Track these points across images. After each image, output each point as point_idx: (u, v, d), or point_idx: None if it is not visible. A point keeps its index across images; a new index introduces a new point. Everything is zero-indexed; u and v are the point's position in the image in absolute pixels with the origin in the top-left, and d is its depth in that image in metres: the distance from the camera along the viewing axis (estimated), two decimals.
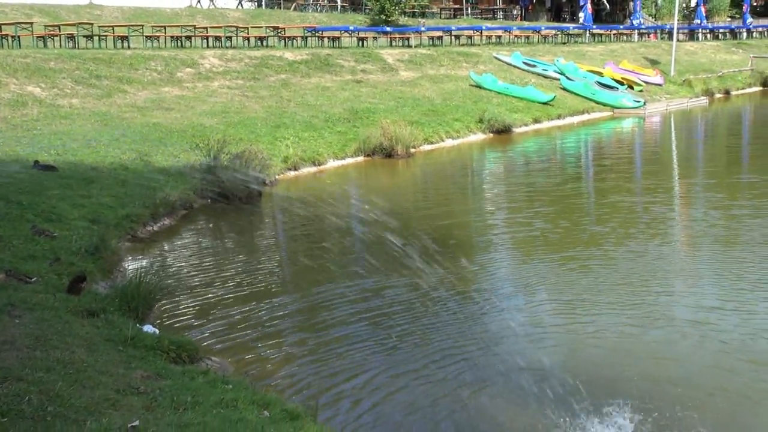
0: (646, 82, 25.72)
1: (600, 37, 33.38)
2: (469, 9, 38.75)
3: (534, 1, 41.21)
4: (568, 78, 23.99)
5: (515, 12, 39.48)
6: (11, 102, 13.94)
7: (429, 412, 5.37)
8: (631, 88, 24.80)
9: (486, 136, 18.45)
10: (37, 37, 18.49)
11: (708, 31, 38.66)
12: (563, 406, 5.27)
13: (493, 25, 32.59)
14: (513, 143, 18.30)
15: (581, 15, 33.71)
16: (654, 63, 29.26)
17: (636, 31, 35.12)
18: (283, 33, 23.42)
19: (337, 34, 24.57)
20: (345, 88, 19.22)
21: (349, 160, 15.00)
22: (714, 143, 19.93)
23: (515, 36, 30.31)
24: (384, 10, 30.99)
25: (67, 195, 9.33)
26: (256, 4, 34.59)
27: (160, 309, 7.03)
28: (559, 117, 21.16)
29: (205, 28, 22.62)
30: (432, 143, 16.94)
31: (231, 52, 20.30)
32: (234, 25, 23.62)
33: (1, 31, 17.81)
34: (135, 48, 19.37)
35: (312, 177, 13.83)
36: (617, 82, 24.68)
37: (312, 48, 23.02)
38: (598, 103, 22.80)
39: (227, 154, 11.78)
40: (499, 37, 29.68)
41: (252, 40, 22.38)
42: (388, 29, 26.98)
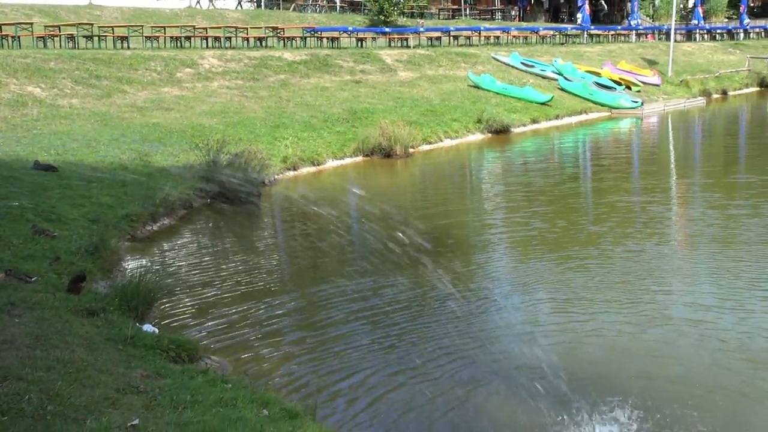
0: (643, 83, 25.74)
1: (598, 38, 33.40)
2: (467, 10, 38.74)
3: (532, 1, 41.24)
4: (566, 78, 23.99)
5: (513, 13, 39.49)
6: (11, 102, 13.96)
7: (426, 411, 5.39)
8: (629, 88, 24.82)
9: (484, 137, 18.46)
10: (37, 37, 18.48)
11: (705, 31, 38.70)
12: (561, 404, 5.27)
13: (491, 26, 32.59)
14: (511, 143, 18.32)
15: (579, 16, 33.74)
16: (652, 63, 29.30)
17: (634, 31, 35.13)
18: (282, 33, 23.41)
19: (336, 34, 24.53)
20: (344, 89, 19.23)
21: (347, 160, 15.01)
22: (711, 143, 19.97)
23: (513, 36, 30.33)
24: (383, 10, 30.98)
25: (66, 195, 9.35)
26: (256, 4, 34.57)
27: (160, 308, 7.03)
28: (557, 117, 21.18)
29: (205, 29, 22.59)
30: (430, 143, 16.95)
31: (230, 52, 20.31)
32: (233, 25, 23.56)
33: (1, 32, 17.81)
34: (134, 48, 19.36)
35: (311, 177, 13.85)
36: (615, 82, 24.69)
37: (311, 48, 23.00)
38: (595, 103, 22.81)
39: (226, 154, 11.79)
40: (498, 37, 29.70)
41: (251, 41, 22.36)
42: (387, 30, 26.97)
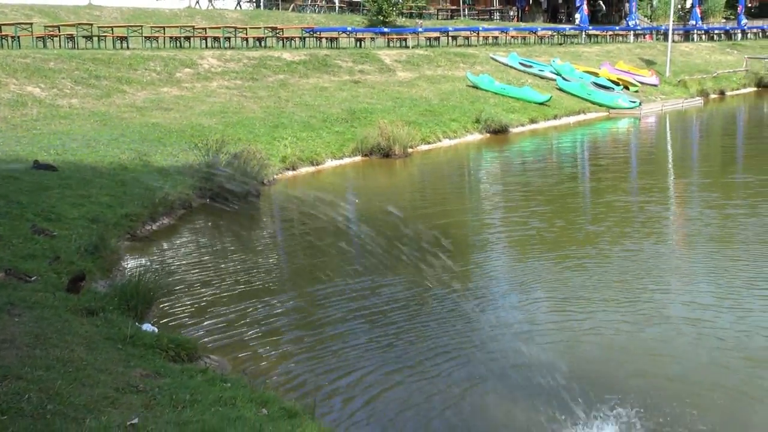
0: (641, 83, 25.79)
1: (596, 38, 33.44)
2: (466, 10, 38.77)
3: (531, 2, 41.28)
4: (564, 78, 24.03)
5: (512, 13, 39.49)
6: (11, 102, 13.97)
7: (423, 409, 5.42)
8: (627, 88, 24.85)
9: (483, 136, 18.49)
10: (36, 37, 18.48)
11: (703, 32, 38.72)
12: (559, 403, 5.28)
13: (490, 26, 32.61)
14: (510, 143, 18.36)
15: (577, 16, 33.74)
16: (649, 64, 29.35)
17: (632, 32, 35.15)
18: (281, 34, 23.40)
19: (335, 34, 24.53)
20: (343, 89, 19.26)
21: (346, 160, 15.04)
22: (709, 143, 20.01)
23: (512, 37, 30.36)
24: (381, 10, 31.00)
25: (66, 194, 9.38)
26: (255, 4, 34.58)
27: (159, 308, 7.05)
28: (555, 117, 21.21)
29: (204, 29, 22.58)
30: (429, 143, 16.98)
31: (229, 52, 20.32)
32: (232, 25, 23.56)
33: (1, 32, 17.81)
34: (134, 48, 19.36)
35: (310, 177, 13.87)
36: (613, 82, 24.72)
37: (310, 48, 23.01)
38: (594, 103, 22.85)
39: (226, 154, 11.82)
40: (496, 37, 29.72)
41: (250, 41, 22.36)
42: (386, 30, 26.99)
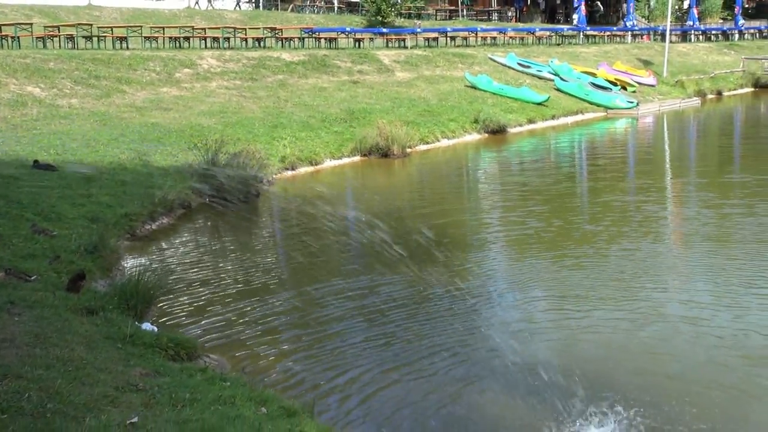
0: (639, 83, 25.84)
1: (594, 39, 33.48)
2: (464, 11, 38.79)
3: (528, 2, 41.35)
4: (562, 79, 24.10)
5: (510, 14, 39.52)
6: (11, 102, 13.99)
7: (421, 407, 5.45)
8: (625, 89, 24.92)
9: (481, 137, 18.53)
10: (36, 37, 18.48)
11: (700, 32, 38.80)
12: (557, 401, 5.29)
13: (488, 27, 32.64)
14: (508, 143, 18.41)
15: (575, 17, 33.84)
16: (647, 64, 29.40)
17: (629, 32, 35.18)
18: (280, 34, 23.41)
19: (333, 35, 24.54)
20: (341, 89, 19.29)
21: (345, 160, 15.08)
22: (706, 143, 20.09)
23: (510, 37, 30.40)
24: (380, 11, 31.02)
25: (66, 194, 9.41)
26: (254, 5, 34.58)
27: (159, 307, 7.03)
28: (553, 117, 21.26)
29: (203, 29, 22.57)
30: (428, 143, 17.02)
31: (229, 52, 20.34)
32: (232, 26, 23.56)
33: (1, 32, 17.81)
34: (134, 49, 19.37)
35: (309, 176, 13.90)
36: (611, 83, 24.80)
37: (309, 49, 23.03)
38: (591, 103, 22.92)
39: (225, 154, 11.85)
40: (494, 38, 29.76)
41: (249, 41, 22.36)
42: (384, 30, 27.01)
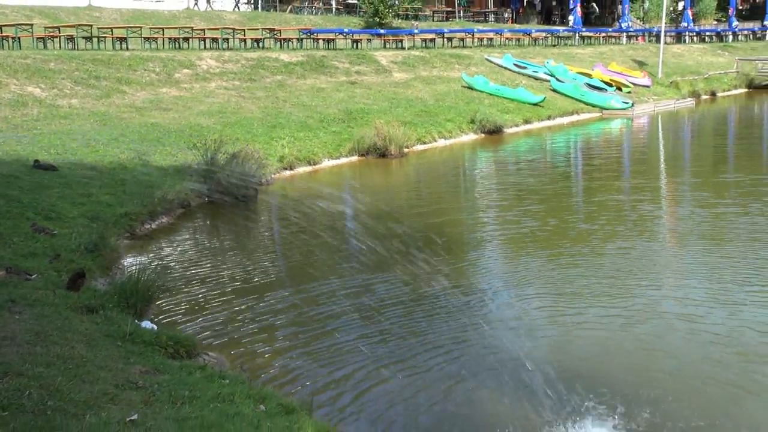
0: (634, 84, 25.93)
1: (589, 40, 33.61)
2: (461, 12, 38.88)
3: (525, 4, 41.49)
4: (558, 80, 24.18)
5: (506, 15, 39.63)
6: (12, 102, 14.03)
7: (415, 403, 5.45)
8: (620, 89, 25.03)
9: (477, 137, 18.61)
10: (37, 38, 18.50)
11: (695, 34, 38.93)
12: (552, 397, 5.34)
13: (484, 28, 32.75)
14: (504, 143, 18.50)
15: (571, 18, 34.01)
16: (642, 65, 29.52)
17: (624, 33, 35.33)
18: (278, 35, 23.48)
19: (331, 36, 24.62)
20: (339, 89, 19.37)
21: (343, 160, 15.15)
22: (700, 143, 20.21)
23: (506, 38, 30.53)
24: (378, 12, 31.08)
25: (66, 194, 9.47)
26: (253, 6, 34.61)
27: (159, 305, 7.04)
28: (549, 118, 21.35)
29: (203, 30, 22.61)
30: (425, 143, 17.07)
31: (228, 53, 20.41)
32: (231, 27, 23.61)
33: (1, 33, 17.83)
34: (133, 49, 19.41)
35: (307, 176, 13.96)
36: (606, 83, 24.87)
37: (307, 50, 23.11)
38: (587, 104, 23.02)
39: (224, 154, 11.91)
40: (491, 39, 29.87)
41: (248, 42, 22.42)
42: (382, 31, 27.07)
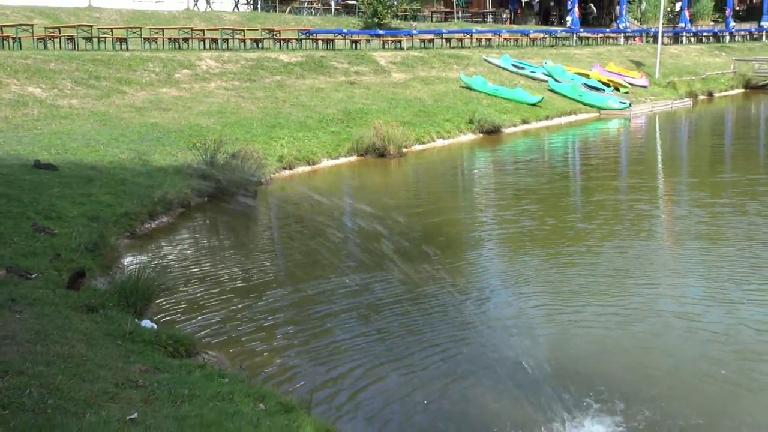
0: (631, 84, 26.00)
1: (587, 41, 33.68)
2: (459, 13, 38.94)
3: (523, 5, 41.56)
4: (555, 80, 24.24)
5: (504, 16, 39.67)
6: (12, 102, 14.07)
7: (412, 401, 5.47)
8: (617, 90, 25.10)
9: (476, 137, 18.67)
10: (37, 38, 18.53)
11: (692, 34, 38.99)
12: (549, 395, 5.36)
13: (482, 29, 32.76)
14: (502, 143, 18.55)
15: (569, 19, 34.04)
16: (639, 65, 29.59)
17: (622, 34, 35.40)
18: (278, 35, 23.51)
19: (330, 36, 24.66)
20: (338, 90, 19.43)
21: (342, 160, 15.20)
22: (697, 143, 20.28)
23: (504, 39, 30.60)
24: (377, 13, 31.11)
25: (66, 193, 9.49)
26: (252, 7, 34.62)
27: (158, 304, 7.07)
28: (547, 118, 21.41)
29: (202, 31, 22.66)
30: (423, 143, 17.12)
31: (227, 53, 20.45)
32: (230, 27, 23.65)
33: (2, 33, 17.85)
34: (133, 50, 19.44)
35: (306, 176, 14.01)
36: (604, 84, 24.94)
37: (306, 50, 23.16)
38: (585, 104, 23.08)
39: (224, 154, 11.99)
40: (489, 40, 29.94)
41: (248, 42, 22.46)
42: (381, 32, 27.12)
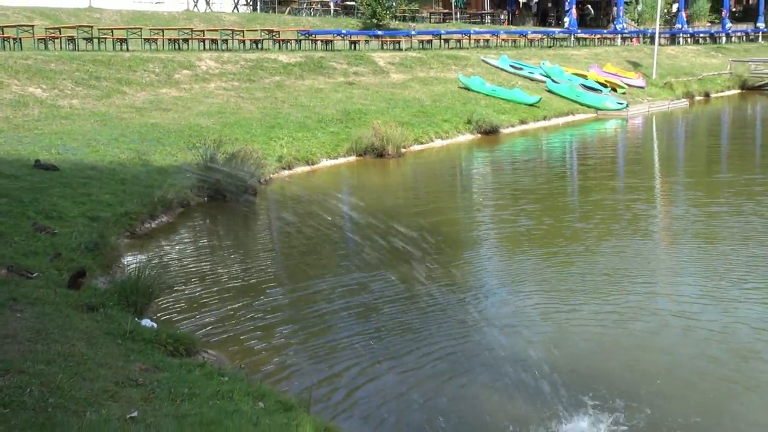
0: (628, 85, 26.07)
1: (584, 41, 33.77)
2: (457, 14, 38.98)
3: (521, 6, 41.64)
4: (553, 81, 24.31)
5: (502, 17, 39.71)
6: (13, 102, 14.11)
7: (409, 400, 5.50)
8: (615, 90, 25.16)
9: (474, 137, 18.72)
10: (38, 39, 18.54)
11: (689, 35, 39.08)
12: (547, 394, 5.38)
13: (481, 29, 32.85)
14: (500, 143, 18.61)
15: (566, 20, 34.14)
16: (636, 66, 29.67)
17: (619, 35, 35.49)
18: (277, 36, 23.56)
19: (330, 37, 24.70)
20: (337, 90, 19.48)
21: (341, 160, 15.24)
22: (694, 143, 20.36)
23: (502, 40, 30.67)
24: (375, 14, 31.11)
25: (67, 193, 9.52)
26: (252, 8, 34.62)
27: (158, 303, 7.09)
28: (544, 118, 21.47)
29: (202, 31, 22.67)
30: (422, 143, 17.16)
31: (227, 54, 20.50)
32: (230, 28, 23.69)
33: (3, 34, 17.87)
34: (133, 50, 19.47)
35: (305, 176, 14.04)
36: (601, 84, 25.03)
37: (305, 51, 23.21)
38: (582, 105, 23.15)
39: (223, 154, 12.00)
40: (487, 40, 30.01)
41: (247, 43, 22.51)
42: (380, 33, 27.18)
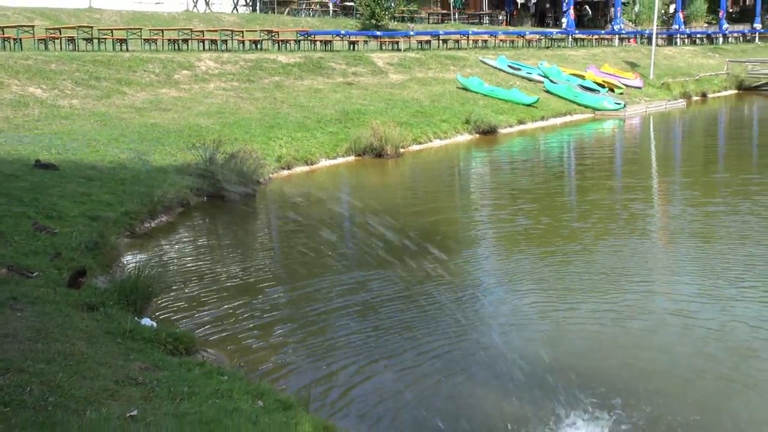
0: (626, 85, 26.11)
1: (582, 42, 33.82)
2: (456, 14, 39.07)
3: (519, 6, 41.72)
4: (551, 81, 24.36)
5: (501, 17, 39.81)
6: (13, 102, 14.16)
7: (410, 401, 5.51)
8: (612, 90, 25.23)
9: (472, 137, 18.76)
10: (38, 39, 18.56)
11: (686, 36, 39.16)
12: (544, 392, 5.40)
13: (479, 30, 32.91)
14: (498, 143, 18.65)
15: (564, 20, 34.25)
16: (634, 67, 29.72)
17: (617, 36, 35.58)
18: (276, 37, 23.58)
19: (329, 37, 24.75)
20: (336, 90, 19.53)
21: (340, 160, 15.27)
22: (691, 144, 20.41)
23: (501, 40, 30.74)
24: (374, 14, 31.14)
25: (67, 193, 9.54)
26: (251, 8, 34.64)
27: (158, 303, 7.12)
28: (542, 118, 21.52)
29: (202, 32, 22.70)
30: (420, 143, 17.21)
31: (226, 54, 20.55)
32: (229, 28, 23.72)
33: (3, 34, 17.90)
34: (133, 51, 19.50)
35: (305, 176, 14.08)
36: (599, 85, 25.07)
37: (305, 51, 23.24)
38: (580, 105, 23.21)
39: (223, 154, 12.04)
40: (485, 41, 30.08)
41: (247, 44, 22.53)
42: (378, 33, 27.23)
